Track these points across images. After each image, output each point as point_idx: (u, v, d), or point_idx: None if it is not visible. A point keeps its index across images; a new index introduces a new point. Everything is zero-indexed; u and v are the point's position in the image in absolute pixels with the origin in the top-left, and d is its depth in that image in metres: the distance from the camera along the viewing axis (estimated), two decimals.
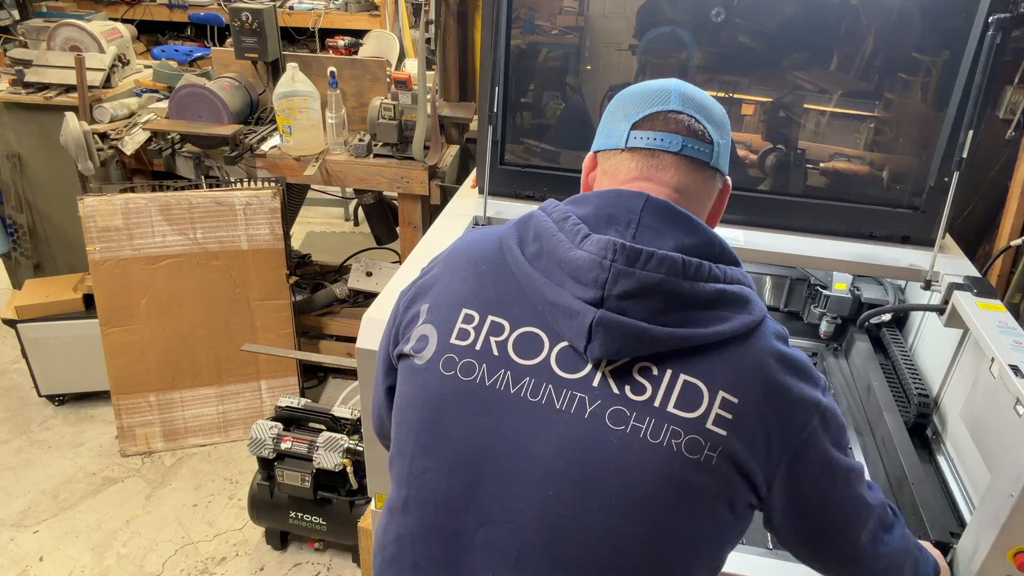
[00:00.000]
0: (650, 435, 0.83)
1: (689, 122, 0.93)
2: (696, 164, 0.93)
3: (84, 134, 2.67)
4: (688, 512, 0.85)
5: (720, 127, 0.97)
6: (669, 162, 0.92)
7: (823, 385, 0.92)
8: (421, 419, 0.93)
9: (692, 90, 0.97)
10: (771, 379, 0.86)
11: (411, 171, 2.78)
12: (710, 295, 0.85)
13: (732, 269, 0.90)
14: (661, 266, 0.83)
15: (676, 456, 0.83)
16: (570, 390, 0.85)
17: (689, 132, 0.92)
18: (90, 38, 3.16)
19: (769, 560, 1.34)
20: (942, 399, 1.68)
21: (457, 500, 0.89)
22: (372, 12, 4.43)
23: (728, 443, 0.84)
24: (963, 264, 1.77)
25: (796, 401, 0.87)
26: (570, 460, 0.84)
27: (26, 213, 3.16)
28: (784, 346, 0.90)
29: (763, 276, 2.14)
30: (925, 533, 1.35)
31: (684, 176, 0.92)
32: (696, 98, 0.96)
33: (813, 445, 0.89)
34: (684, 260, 0.84)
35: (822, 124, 1.96)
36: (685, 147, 0.91)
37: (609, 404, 0.84)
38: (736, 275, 0.90)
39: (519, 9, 1.93)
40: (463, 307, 0.93)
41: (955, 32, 1.71)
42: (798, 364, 0.89)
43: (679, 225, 0.88)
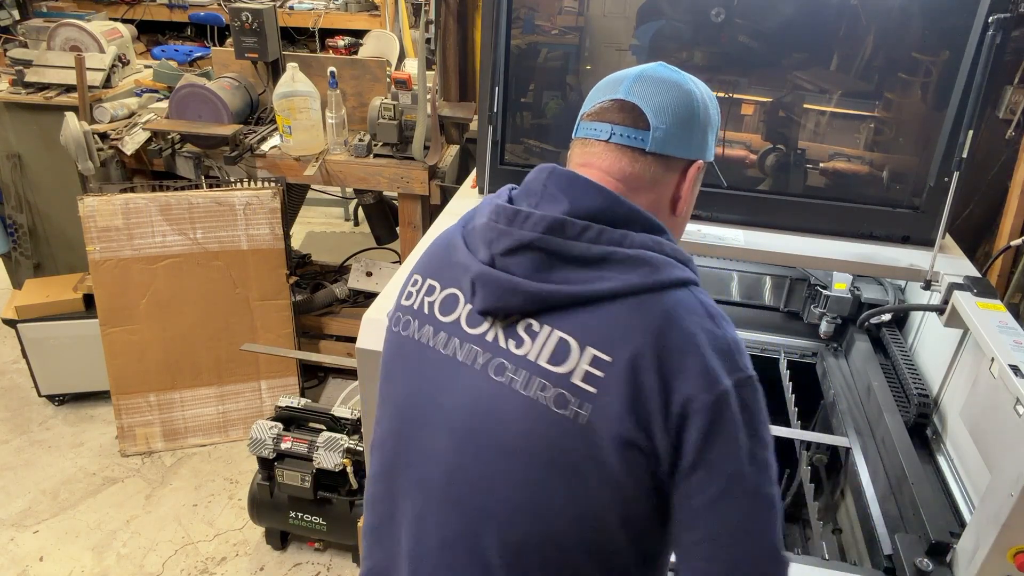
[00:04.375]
0: (522, 387, 0.87)
1: (629, 108, 0.95)
2: (628, 151, 0.94)
3: (84, 134, 2.67)
4: (566, 470, 0.86)
5: (671, 112, 0.94)
6: (600, 150, 0.96)
7: (740, 375, 0.86)
8: (382, 372, 1.05)
9: (652, 75, 0.97)
10: (660, 345, 0.84)
11: (411, 171, 2.78)
12: (596, 255, 0.87)
13: (642, 236, 0.89)
14: (537, 225, 0.88)
15: (544, 410, 0.86)
16: (471, 344, 0.92)
17: (622, 120, 0.95)
18: (90, 38, 3.16)
19: None
20: (942, 399, 1.68)
21: (395, 445, 1.00)
22: (372, 12, 4.43)
23: (599, 402, 0.84)
24: (963, 264, 1.77)
25: (688, 375, 0.83)
26: (464, 409, 0.91)
27: (26, 213, 3.16)
28: (700, 319, 0.86)
29: (763, 276, 2.14)
30: (925, 533, 1.36)
31: (616, 162, 0.95)
32: (651, 85, 0.96)
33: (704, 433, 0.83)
34: (566, 221, 0.88)
35: (822, 124, 1.96)
36: (613, 135, 0.94)
37: (495, 357, 0.90)
38: (645, 241, 0.89)
39: (519, 9, 1.93)
40: (414, 273, 1.04)
41: (955, 32, 1.71)
42: (712, 342, 0.85)
43: (579, 191, 0.91)
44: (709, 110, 0.99)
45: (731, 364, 0.86)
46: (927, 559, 1.30)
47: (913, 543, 1.35)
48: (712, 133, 1.00)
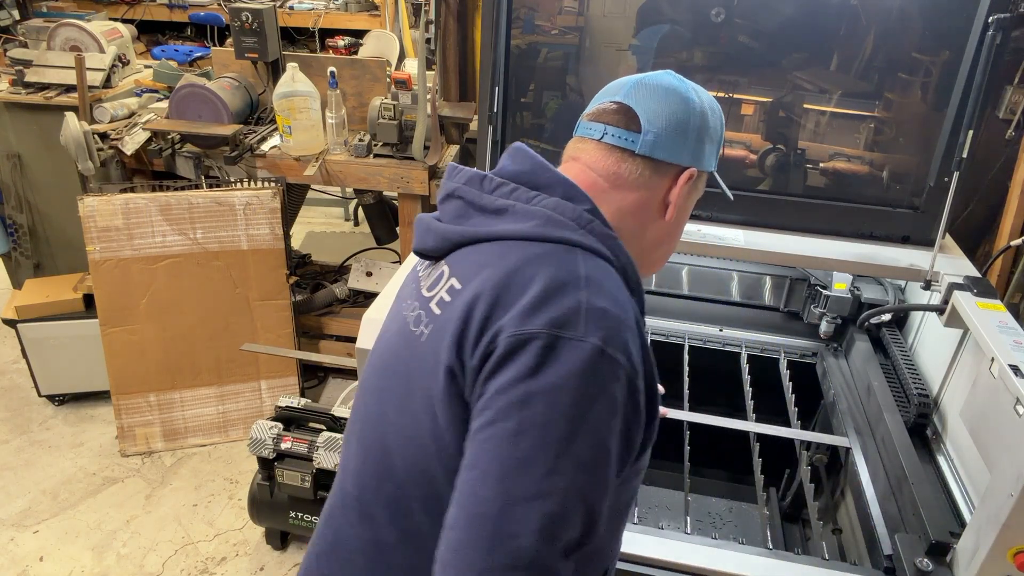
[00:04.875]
0: (414, 323, 0.93)
1: (624, 111, 0.97)
2: (618, 151, 0.96)
3: (84, 134, 2.67)
4: (407, 394, 0.90)
5: (665, 118, 0.96)
6: (591, 147, 0.99)
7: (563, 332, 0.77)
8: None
9: (654, 82, 0.99)
10: (504, 284, 0.82)
11: (411, 171, 2.78)
12: (498, 207, 0.91)
13: (555, 199, 0.90)
14: (462, 178, 0.96)
15: (406, 329, 0.94)
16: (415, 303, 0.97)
17: (616, 122, 0.97)
18: (90, 38, 3.16)
19: (769, 560, 1.34)
20: (942, 399, 1.68)
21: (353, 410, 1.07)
22: (372, 12, 4.43)
23: (436, 324, 0.88)
24: (963, 264, 1.77)
25: (508, 311, 0.80)
26: (383, 358, 0.99)
27: (26, 213, 3.16)
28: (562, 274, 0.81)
29: (763, 276, 2.14)
30: (925, 533, 1.36)
31: (603, 159, 0.97)
32: (650, 91, 0.98)
33: (495, 364, 0.78)
34: (485, 176, 0.95)
35: (822, 124, 1.96)
36: (605, 135, 0.97)
37: (418, 308, 0.95)
38: (556, 204, 0.89)
39: (519, 9, 1.93)
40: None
41: (955, 32, 1.71)
42: (556, 294, 0.80)
43: (516, 157, 0.97)
44: (708, 120, 0.99)
45: (561, 319, 0.78)
46: (927, 559, 1.30)
47: (913, 543, 1.35)
48: (711, 143, 1.00)
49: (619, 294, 0.85)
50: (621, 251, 0.90)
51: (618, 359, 0.78)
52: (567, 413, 0.75)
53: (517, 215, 0.89)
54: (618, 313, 0.82)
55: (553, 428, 0.74)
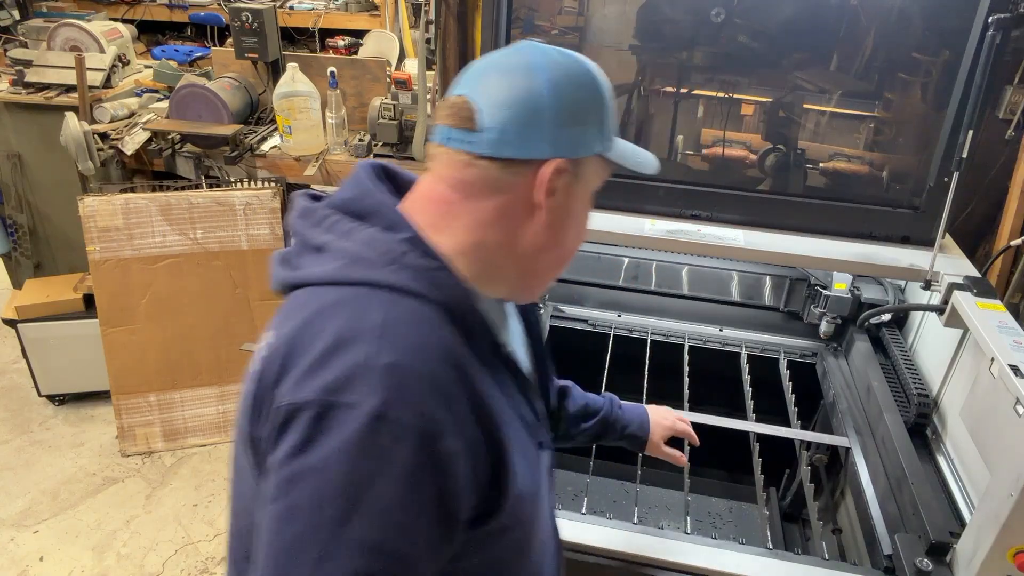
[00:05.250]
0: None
1: (460, 107, 0.81)
2: (463, 155, 0.81)
3: (84, 134, 2.67)
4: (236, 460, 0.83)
5: (508, 108, 0.79)
6: (440, 153, 0.84)
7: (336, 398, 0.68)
8: None
9: (499, 64, 0.83)
10: (296, 339, 0.73)
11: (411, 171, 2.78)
12: (319, 244, 0.81)
13: (371, 231, 0.79)
14: (296, 210, 0.87)
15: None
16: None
17: (453, 122, 0.82)
18: (90, 38, 3.16)
19: (769, 560, 1.34)
20: (942, 399, 1.68)
21: None
22: (372, 12, 4.43)
23: (246, 388, 0.78)
24: (963, 264, 1.77)
25: (292, 374, 0.71)
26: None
27: (26, 213, 3.16)
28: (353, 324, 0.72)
29: (763, 276, 2.14)
30: (925, 533, 1.36)
31: (449, 167, 0.83)
32: (492, 75, 0.82)
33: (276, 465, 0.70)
34: (310, 207, 0.85)
35: (822, 124, 1.96)
36: (448, 139, 0.82)
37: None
38: (370, 237, 0.78)
39: (519, 9, 1.93)
40: None
41: (955, 32, 1.71)
42: (335, 350, 0.70)
43: (351, 181, 0.87)
44: (568, 98, 0.81)
45: (335, 383, 0.68)
46: (927, 559, 1.30)
47: (913, 543, 1.35)
48: (587, 123, 0.83)
49: (427, 339, 0.73)
50: (445, 284, 0.77)
51: (405, 421, 0.67)
52: (340, 492, 0.66)
53: (331, 253, 0.79)
54: (413, 365, 0.70)
55: (324, 510, 0.66)
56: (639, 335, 2.14)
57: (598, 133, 0.85)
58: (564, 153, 0.81)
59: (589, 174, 0.86)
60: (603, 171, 0.88)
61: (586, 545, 1.32)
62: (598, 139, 0.85)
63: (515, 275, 0.87)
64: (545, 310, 2.15)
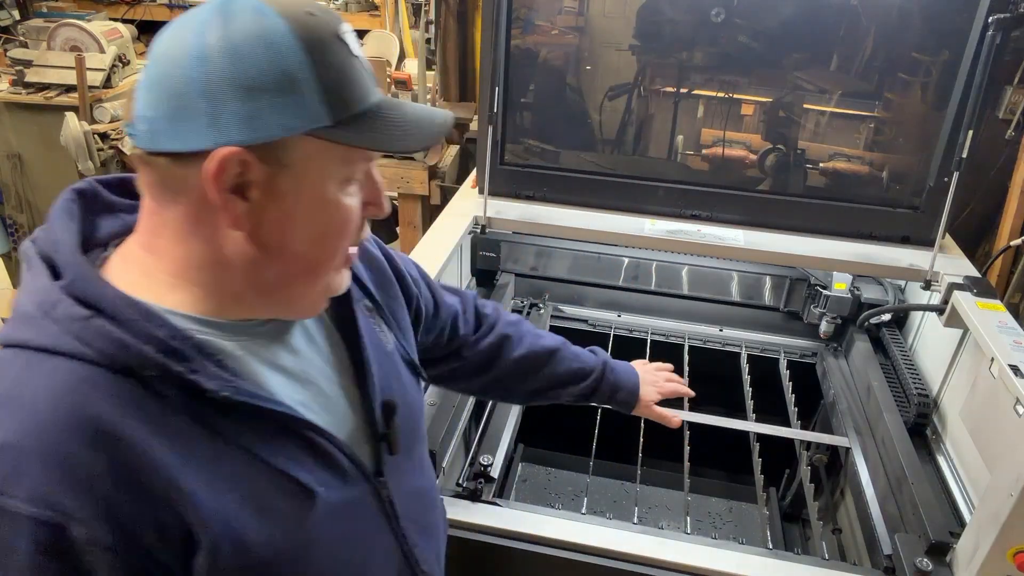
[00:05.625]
0: None
1: (132, 91, 0.68)
2: (139, 154, 0.67)
3: (84, 134, 2.67)
4: None
5: (163, 89, 0.64)
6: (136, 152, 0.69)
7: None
8: None
9: (166, 38, 0.66)
10: None
11: (411, 171, 2.78)
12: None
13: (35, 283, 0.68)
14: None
15: None
16: None
17: (126, 110, 0.68)
18: (90, 38, 3.16)
19: (769, 560, 1.34)
20: (942, 399, 1.68)
21: None
22: (372, 12, 4.43)
23: None
24: (963, 264, 1.77)
25: None
26: None
27: (26, 213, 3.16)
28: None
29: (763, 276, 2.14)
30: (925, 533, 1.36)
31: (141, 171, 0.69)
32: (156, 53, 0.65)
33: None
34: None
35: (822, 124, 1.96)
36: (130, 135, 0.68)
37: None
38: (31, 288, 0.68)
39: (519, 9, 1.93)
40: None
41: (955, 32, 1.71)
42: None
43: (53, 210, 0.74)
44: (221, 69, 0.62)
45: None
46: (927, 559, 1.30)
47: (913, 543, 1.35)
48: (250, 101, 0.63)
49: (54, 412, 0.61)
50: (99, 336, 0.64)
51: (21, 510, 0.59)
52: None
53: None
54: (30, 445, 0.60)
55: None
56: (639, 335, 2.14)
57: (300, 107, 0.65)
58: (237, 138, 0.63)
59: (303, 161, 0.67)
60: (337, 153, 0.68)
61: (586, 545, 1.32)
62: (303, 115, 0.65)
63: (251, 292, 0.72)
64: (545, 310, 2.16)
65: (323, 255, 0.72)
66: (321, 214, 0.70)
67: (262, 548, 0.71)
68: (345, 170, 0.70)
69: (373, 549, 0.86)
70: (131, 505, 0.63)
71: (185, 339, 0.67)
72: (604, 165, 2.06)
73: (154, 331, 0.65)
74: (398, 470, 0.89)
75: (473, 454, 1.58)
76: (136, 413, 0.64)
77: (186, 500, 0.65)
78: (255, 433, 0.72)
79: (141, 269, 0.70)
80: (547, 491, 2.32)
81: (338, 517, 0.79)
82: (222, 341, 0.72)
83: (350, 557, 0.82)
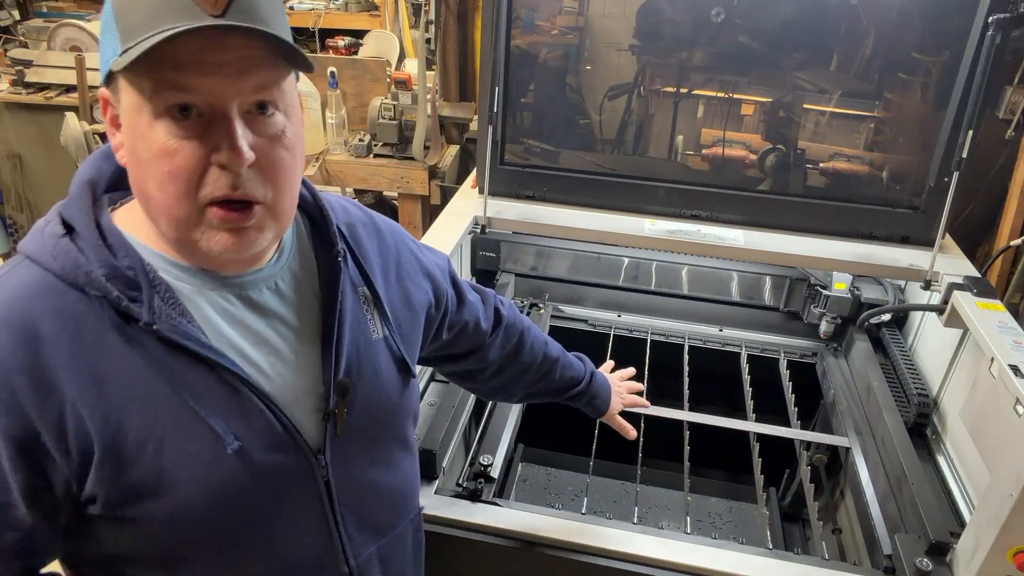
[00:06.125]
0: None
1: None
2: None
3: (84, 134, 2.67)
4: None
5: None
6: None
7: None
8: None
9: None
10: None
11: (411, 171, 2.79)
12: None
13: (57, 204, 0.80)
14: None
15: None
16: None
17: None
18: (90, 38, 3.16)
19: (769, 560, 1.34)
20: (942, 399, 1.68)
21: None
22: (372, 12, 4.43)
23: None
24: (963, 264, 1.77)
25: None
26: None
27: (26, 213, 3.16)
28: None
29: (763, 276, 2.14)
30: (925, 533, 1.36)
31: None
32: None
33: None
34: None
35: (822, 124, 1.96)
36: None
37: None
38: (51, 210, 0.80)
39: (519, 9, 1.93)
40: None
41: (955, 32, 1.71)
42: None
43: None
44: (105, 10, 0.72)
45: None
46: (927, 559, 1.30)
47: (913, 543, 1.35)
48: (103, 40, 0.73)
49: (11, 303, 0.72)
50: (61, 252, 0.74)
51: None
52: None
53: None
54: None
55: None
56: (639, 335, 2.14)
57: (112, 42, 0.70)
58: (103, 75, 0.73)
59: (123, 92, 0.71)
60: (135, 83, 0.70)
61: (586, 545, 1.32)
62: (112, 48, 0.70)
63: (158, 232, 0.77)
64: (545, 310, 2.15)
65: (160, 194, 0.72)
66: (141, 147, 0.71)
67: (155, 477, 0.75)
68: (148, 103, 0.69)
69: (295, 522, 0.87)
70: (36, 401, 0.70)
71: (143, 272, 0.75)
72: (604, 165, 2.06)
73: (112, 259, 0.74)
74: (346, 454, 0.89)
75: (473, 454, 1.58)
76: (72, 324, 0.72)
77: (92, 410, 0.71)
78: (189, 374, 0.76)
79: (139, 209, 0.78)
80: (547, 491, 2.32)
81: (258, 477, 0.80)
82: (183, 284, 0.78)
83: (263, 520, 0.83)
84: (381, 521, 0.98)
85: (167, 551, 0.81)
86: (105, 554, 0.80)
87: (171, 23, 0.66)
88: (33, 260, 0.75)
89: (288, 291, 0.86)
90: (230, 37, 0.68)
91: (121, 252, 0.75)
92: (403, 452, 1.01)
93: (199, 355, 0.75)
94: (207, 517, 0.79)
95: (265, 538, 0.84)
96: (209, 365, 0.76)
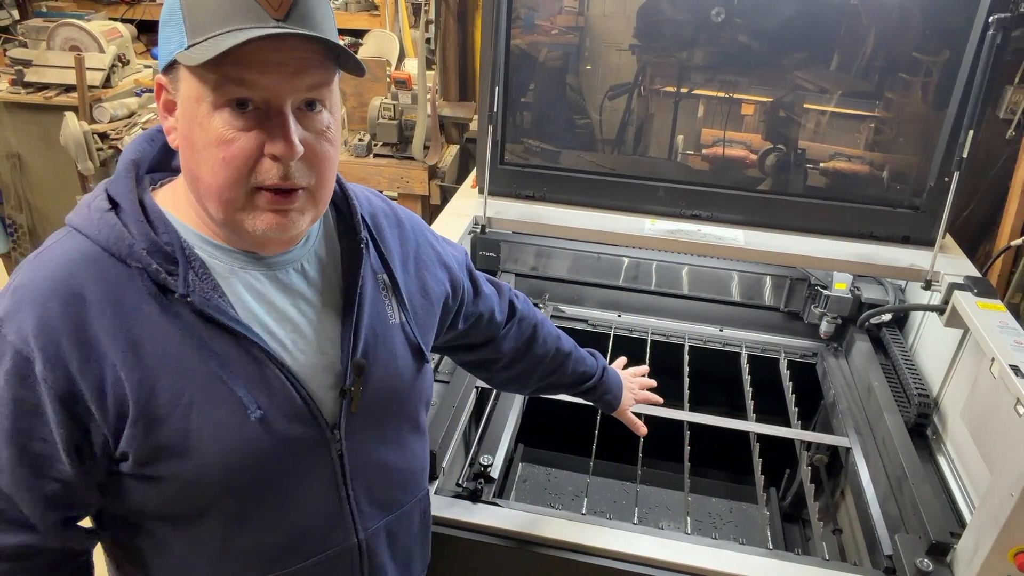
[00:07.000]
0: None
1: None
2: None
3: (84, 134, 2.67)
4: None
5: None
6: None
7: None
8: None
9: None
10: None
11: (411, 171, 2.78)
12: None
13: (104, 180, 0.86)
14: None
15: None
16: None
17: None
18: (90, 38, 3.16)
19: (769, 560, 1.34)
20: (942, 399, 1.68)
21: None
22: (372, 12, 4.42)
23: None
24: (963, 264, 1.77)
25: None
26: None
27: (26, 213, 3.16)
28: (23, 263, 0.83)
29: (763, 276, 2.14)
30: (925, 533, 1.36)
31: None
32: None
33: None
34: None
35: (822, 124, 1.96)
36: None
37: None
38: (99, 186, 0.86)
39: (519, 9, 1.93)
40: None
41: (955, 32, 1.71)
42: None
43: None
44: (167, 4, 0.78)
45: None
46: (927, 559, 1.30)
47: (913, 543, 1.35)
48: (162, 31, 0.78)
49: (55, 272, 0.78)
50: (106, 226, 0.79)
51: (6, 336, 0.76)
52: None
53: None
54: (30, 289, 0.77)
55: None
56: (639, 335, 2.14)
57: (176, 35, 0.75)
58: (162, 64, 0.79)
59: (184, 83, 0.77)
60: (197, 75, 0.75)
61: (586, 545, 1.32)
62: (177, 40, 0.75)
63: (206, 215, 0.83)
64: (545, 310, 2.15)
65: (213, 178, 0.77)
66: (198, 134, 0.76)
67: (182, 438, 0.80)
68: (211, 94, 0.75)
69: (309, 491, 0.91)
70: (80, 361, 0.76)
71: (181, 248, 0.81)
72: (604, 165, 2.06)
73: (152, 235, 0.80)
74: (359, 432, 0.93)
75: (473, 454, 1.58)
76: (113, 291, 0.78)
77: (129, 372, 0.77)
78: (218, 344, 0.81)
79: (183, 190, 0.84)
80: (547, 491, 2.32)
81: (277, 445, 0.85)
82: (216, 262, 0.84)
83: (279, 486, 0.88)
84: (390, 498, 1.01)
85: (188, 510, 0.85)
86: (132, 509, 0.85)
87: (238, 22, 0.72)
88: (80, 231, 0.80)
89: (313, 273, 0.91)
90: (290, 40, 0.74)
91: (161, 229, 0.81)
92: (414, 434, 1.05)
93: (228, 328, 0.81)
94: (227, 480, 0.83)
95: (280, 504, 0.89)
96: (237, 338, 0.82)
